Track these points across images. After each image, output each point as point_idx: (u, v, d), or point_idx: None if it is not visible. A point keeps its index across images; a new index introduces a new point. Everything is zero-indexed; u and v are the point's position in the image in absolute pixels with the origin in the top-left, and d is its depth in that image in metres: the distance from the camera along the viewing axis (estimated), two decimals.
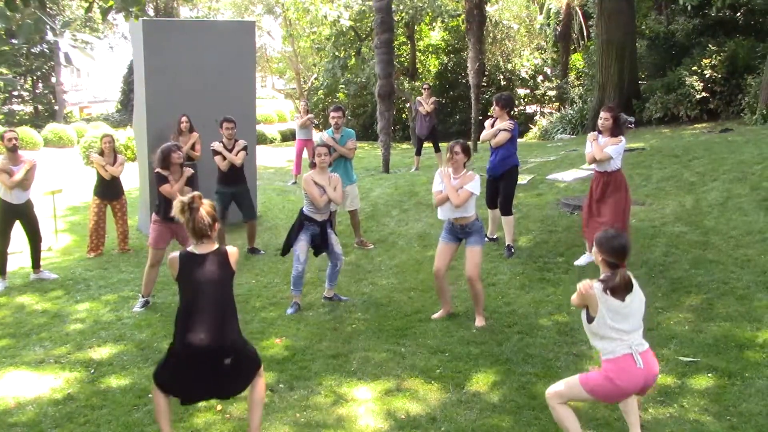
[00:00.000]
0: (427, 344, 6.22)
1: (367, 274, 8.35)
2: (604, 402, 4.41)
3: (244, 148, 9.31)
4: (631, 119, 17.42)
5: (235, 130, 9.22)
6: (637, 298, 4.19)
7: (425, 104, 14.86)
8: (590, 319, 4.16)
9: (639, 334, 4.18)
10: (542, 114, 28.13)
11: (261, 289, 8.04)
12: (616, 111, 7.80)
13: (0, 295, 8.16)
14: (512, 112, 8.58)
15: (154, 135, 10.21)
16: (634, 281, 4.18)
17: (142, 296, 7.55)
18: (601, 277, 4.18)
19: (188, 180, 7.32)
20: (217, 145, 9.20)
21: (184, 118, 9.86)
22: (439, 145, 15.19)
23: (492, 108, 8.74)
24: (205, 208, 4.34)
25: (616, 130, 7.60)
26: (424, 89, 15.53)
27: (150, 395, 5.34)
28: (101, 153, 9.64)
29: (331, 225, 7.58)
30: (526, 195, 10.85)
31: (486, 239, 8.98)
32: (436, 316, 6.84)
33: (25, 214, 8.48)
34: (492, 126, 8.58)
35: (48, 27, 4.38)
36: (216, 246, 4.42)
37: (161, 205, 7.38)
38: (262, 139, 26.85)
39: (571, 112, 21.52)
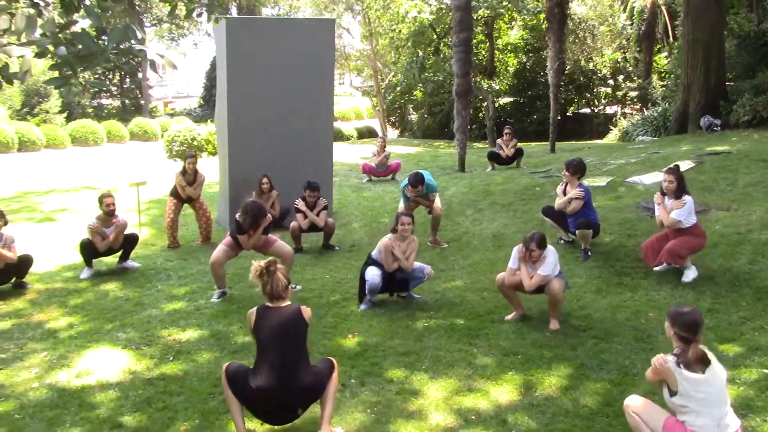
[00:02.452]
0: (499, 345, 6.17)
1: (441, 273, 8.33)
2: None
3: (325, 208, 9.67)
4: (717, 122, 16.84)
5: (318, 197, 9.58)
6: (717, 370, 4.07)
7: (506, 148, 14.91)
8: (672, 393, 4.08)
9: (728, 412, 4.05)
10: (623, 115, 27.50)
11: (334, 285, 8.12)
12: (680, 173, 7.65)
13: (86, 281, 8.48)
14: (582, 177, 8.57)
15: (235, 130, 10.44)
16: (710, 355, 4.08)
17: (218, 288, 7.74)
18: (675, 351, 4.12)
19: (256, 216, 7.49)
20: (300, 204, 9.55)
21: (265, 180, 10.02)
22: (521, 148, 15.16)
23: (563, 172, 8.71)
24: (281, 271, 4.70)
25: (680, 191, 7.47)
26: (506, 133, 15.45)
27: None
28: (183, 172, 9.90)
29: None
30: (605, 198, 10.62)
31: (561, 242, 8.91)
32: (509, 317, 6.78)
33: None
34: (564, 191, 8.55)
35: (136, 34, 4.52)
36: (289, 303, 4.71)
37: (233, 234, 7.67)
38: (339, 136, 27.11)
39: (654, 113, 20.96)
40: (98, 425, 4.95)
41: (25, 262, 8.20)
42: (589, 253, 8.41)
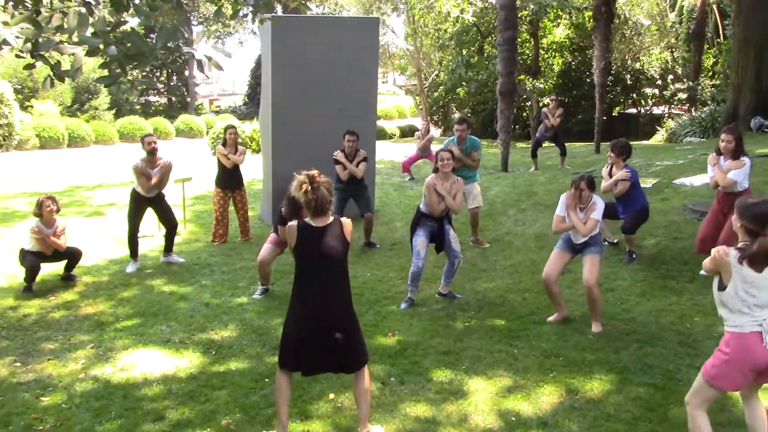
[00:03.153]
0: (540, 347, 6.12)
1: (482, 273, 8.30)
2: (729, 390, 4.15)
3: (365, 159, 9.52)
4: None
5: (356, 143, 9.43)
6: None
7: (551, 117, 14.66)
8: (722, 287, 3.99)
9: None
10: (670, 115, 27.03)
11: (376, 283, 8.14)
12: (739, 133, 7.43)
13: (131, 276, 8.63)
14: (628, 159, 8.36)
15: (279, 128, 10.52)
16: None
17: (261, 285, 7.82)
18: (739, 244, 3.99)
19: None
20: (339, 155, 9.43)
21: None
22: (565, 146, 14.96)
23: (608, 153, 8.53)
24: (325, 185, 4.45)
25: (738, 152, 7.26)
26: (552, 100, 15.27)
27: (266, 379, 5.54)
28: (224, 143, 10.01)
29: (449, 221, 7.56)
30: (651, 199, 10.42)
31: (605, 243, 8.78)
32: (551, 319, 6.72)
33: (156, 202, 8.94)
34: (609, 173, 8.37)
35: (184, 34, 4.59)
36: (332, 219, 4.52)
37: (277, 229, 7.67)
38: (382, 135, 27.16)
39: (702, 114, 20.55)
40: (142, 417, 5.04)
41: (74, 255, 8.37)
42: (634, 256, 8.29)
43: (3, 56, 31.64)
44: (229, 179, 10.01)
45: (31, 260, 7.97)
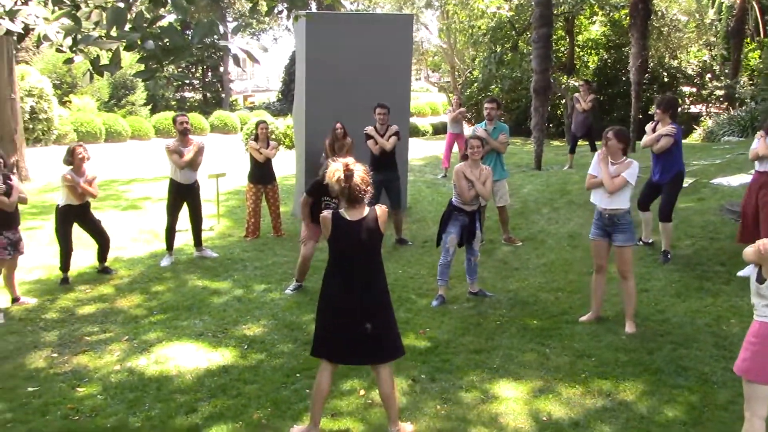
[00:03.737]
0: (573, 347, 6.07)
1: (514, 272, 8.25)
2: (764, 382, 4.01)
3: (396, 134, 9.45)
4: None
5: (387, 116, 9.38)
6: None
7: (582, 101, 14.42)
8: (761, 280, 3.94)
9: None
10: (708, 114, 26.59)
11: (407, 280, 8.14)
12: None
13: (166, 269, 8.73)
14: (675, 116, 8.17)
15: (312, 124, 10.56)
16: None
17: (296, 281, 7.85)
18: None
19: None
20: (369, 130, 9.39)
21: (338, 125, 9.98)
22: (596, 143, 14.73)
23: (653, 110, 8.35)
24: (360, 174, 4.39)
25: None
26: (582, 86, 15.07)
27: (297, 374, 5.57)
28: (256, 138, 10.07)
29: (480, 218, 7.54)
30: (687, 199, 10.31)
31: (639, 242, 8.67)
32: (584, 318, 6.66)
33: (192, 194, 9.02)
34: (653, 130, 8.20)
35: (220, 29, 4.64)
36: (367, 209, 4.48)
37: (312, 197, 7.65)
38: (415, 132, 27.13)
39: (741, 113, 20.18)
40: (175, 410, 5.10)
41: (102, 235, 8.45)
42: (669, 256, 8.18)
43: (42, 52, 32.20)
44: (262, 174, 10.08)
45: (64, 235, 8.10)
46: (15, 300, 7.48)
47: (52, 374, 5.77)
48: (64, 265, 8.20)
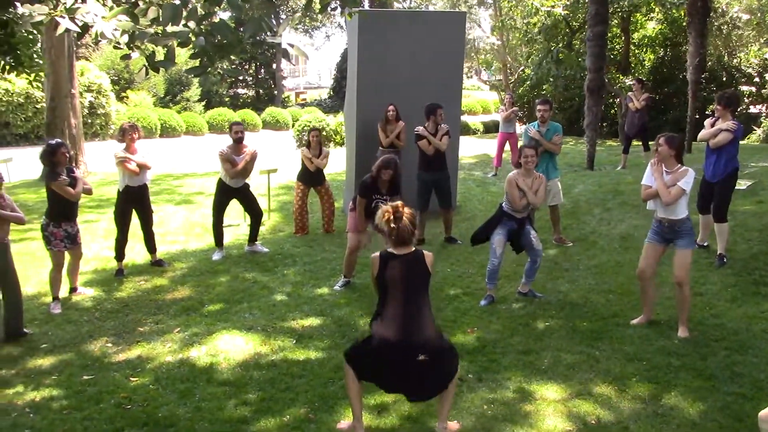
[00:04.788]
0: (623, 350, 5.98)
1: (564, 273, 8.16)
2: None
3: (447, 133, 9.42)
4: None
5: (441, 117, 9.36)
6: None
7: (636, 100, 14.17)
8: None
9: None
10: None
11: (455, 279, 8.12)
12: None
13: (217, 263, 8.86)
14: (736, 112, 7.97)
15: (363, 121, 10.60)
16: None
17: (344, 276, 7.90)
18: None
19: (394, 171, 7.51)
20: (421, 130, 9.37)
21: (391, 107, 10.11)
22: (649, 144, 14.45)
23: (713, 106, 8.16)
24: (408, 216, 4.53)
25: None
26: (635, 84, 14.81)
27: None
28: (308, 145, 10.15)
29: (530, 221, 7.48)
30: (745, 201, 10.05)
31: (695, 245, 8.48)
32: (635, 321, 6.55)
33: (241, 194, 9.15)
34: (712, 126, 8.02)
35: (271, 26, 4.69)
36: (413, 249, 4.59)
37: (364, 196, 7.72)
38: (465, 130, 27.02)
39: None
40: (224, 400, 5.18)
41: (147, 213, 8.62)
42: (725, 260, 7.99)
43: (101, 48, 32.95)
44: (311, 177, 10.18)
45: (122, 220, 8.34)
46: (73, 290, 7.68)
47: (107, 364, 5.92)
48: (119, 254, 8.39)
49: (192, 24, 4.64)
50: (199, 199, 12.92)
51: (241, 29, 4.85)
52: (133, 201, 8.40)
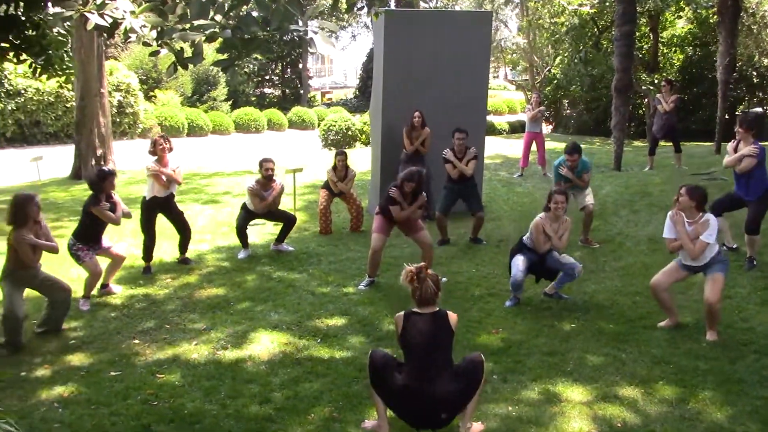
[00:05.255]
0: (650, 353, 5.92)
1: (590, 274, 8.10)
2: None
3: (474, 157, 9.47)
4: None
5: (466, 141, 9.40)
6: None
7: (665, 102, 14.04)
8: None
9: None
10: None
11: (480, 279, 8.10)
12: None
13: (243, 262, 8.91)
14: (760, 134, 7.86)
15: (388, 121, 10.61)
16: None
17: (369, 276, 7.92)
18: None
19: (417, 184, 7.57)
20: (448, 154, 9.41)
21: (417, 114, 10.07)
22: (680, 144, 14.33)
23: (735, 128, 8.07)
24: (431, 277, 4.64)
25: None
26: (664, 86, 14.65)
27: None
28: (334, 168, 10.19)
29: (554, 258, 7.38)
30: None
31: (724, 248, 8.39)
32: (662, 324, 6.49)
33: (269, 213, 9.26)
34: (735, 149, 7.95)
35: (296, 17, 4.70)
36: (438, 308, 4.64)
37: (385, 209, 7.76)
38: (491, 130, 26.92)
39: None
40: (249, 399, 5.22)
41: (184, 224, 8.71)
42: (755, 263, 7.89)
43: (130, 48, 33.29)
44: (336, 192, 10.27)
45: (148, 226, 8.39)
46: (104, 286, 7.76)
47: (134, 360, 5.98)
48: (147, 256, 8.48)
49: (219, 17, 4.66)
50: (226, 199, 13.00)
51: (268, 28, 4.86)
52: (159, 209, 8.52)
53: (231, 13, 4.64)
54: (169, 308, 7.29)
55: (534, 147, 14.70)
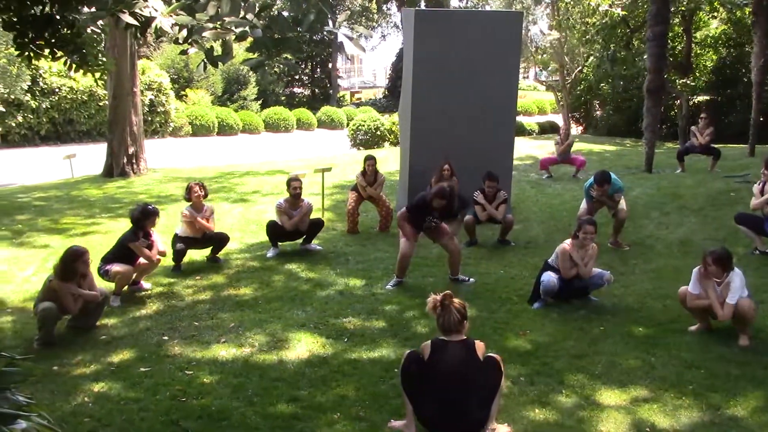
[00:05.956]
0: (681, 357, 5.85)
1: (620, 277, 8.02)
2: None
3: (504, 201, 9.59)
4: None
5: (497, 186, 9.50)
6: None
7: (700, 135, 13.99)
8: None
9: None
10: None
11: (508, 281, 8.05)
12: None
13: (271, 260, 8.95)
14: None
15: (417, 120, 10.59)
16: None
17: (397, 277, 7.91)
18: None
19: (447, 202, 7.59)
20: (478, 197, 9.49)
21: (446, 166, 9.99)
22: (717, 149, 14.19)
23: (762, 170, 7.98)
24: (455, 305, 4.59)
25: None
26: (702, 118, 14.56)
27: (396, 369, 5.59)
28: (364, 173, 10.23)
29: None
30: None
31: (756, 252, 8.28)
32: (693, 328, 6.41)
33: (295, 236, 9.33)
34: (761, 191, 7.89)
35: (328, 18, 4.72)
36: (464, 337, 4.62)
37: (413, 216, 7.76)
38: (520, 131, 26.77)
39: None
40: (276, 397, 5.24)
41: (222, 240, 8.82)
42: None
43: (162, 48, 33.64)
44: (365, 196, 10.31)
45: (179, 245, 8.47)
46: (133, 283, 7.86)
47: (163, 356, 6.04)
48: (177, 258, 8.56)
49: (250, 16, 4.69)
50: (255, 197, 13.09)
51: (299, 27, 4.88)
52: (192, 243, 8.67)
53: (262, 13, 4.67)
54: (198, 306, 7.35)
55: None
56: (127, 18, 4.53)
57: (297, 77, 47.75)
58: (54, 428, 3.08)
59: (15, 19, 4.52)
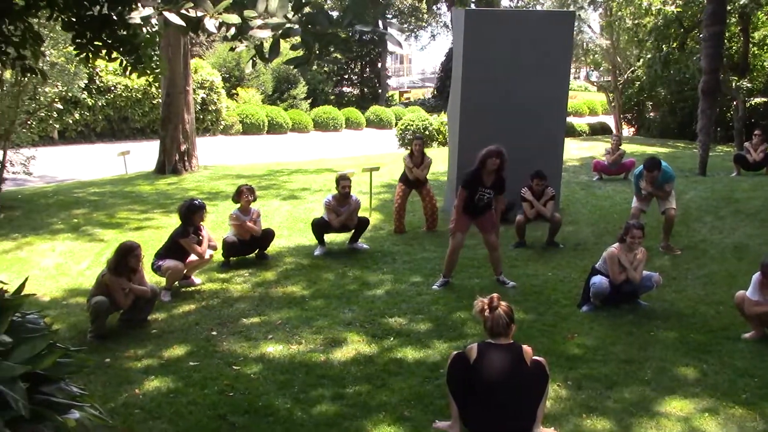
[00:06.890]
0: (733, 365, 5.72)
1: (672, 281, 7.87)
2: None
3: (552, 198, 9.51)
4: None
5: (545, 183, 9.45)
6: None
7: (753, 152, 13.71)
8: None
9: None
10: None
11: (557, 283, 7.97)
12: None
13: (318, 259, 9.01)
14: None
15: (467, 120, 10.55)
16: None
17: (443, 276, 7.89)
18: None
19: (501, 160, 7.57)
20: (527, 194, 9.46)
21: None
22: None
23: None
24: (503, 308, 4.56)
25: None
26: (757, 134, 14.26)
27: (441, 370, 5.59)
28: (411, 154, 10.21)
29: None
30: None
31: None
32: (747, 336, 6.26)
33: (342, 229, 9.40)
34: None
35: (370, 13, 4.71)
36: (512, 341, 4.58)
37: (469, 191, 7.69)
38: (571, 132, 26.48)
39: None
40: (321, 395, 5.27)
41: (268, 236, 8.92)
42: None
43: (215, 47, 34.12)
44: (412, 181, 10.26)
45: (228, 246, 8.60)
46: (184, 278, 7.99)
47: (211, 351, 6.13)
48: (227, 255, 8.68)
49: (290, 14, 4.71)
50: (305, 195, 13.19)
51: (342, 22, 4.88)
52: (240, 246, 8.77)
53: (301, 11, 4.68)
54: (247, 302, 7.44)
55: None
56: (174, 18, 4.58)
57: (346, 77, 47.97)
58: (105, 419, 3.16)
59: (74, 20, 4.60)
